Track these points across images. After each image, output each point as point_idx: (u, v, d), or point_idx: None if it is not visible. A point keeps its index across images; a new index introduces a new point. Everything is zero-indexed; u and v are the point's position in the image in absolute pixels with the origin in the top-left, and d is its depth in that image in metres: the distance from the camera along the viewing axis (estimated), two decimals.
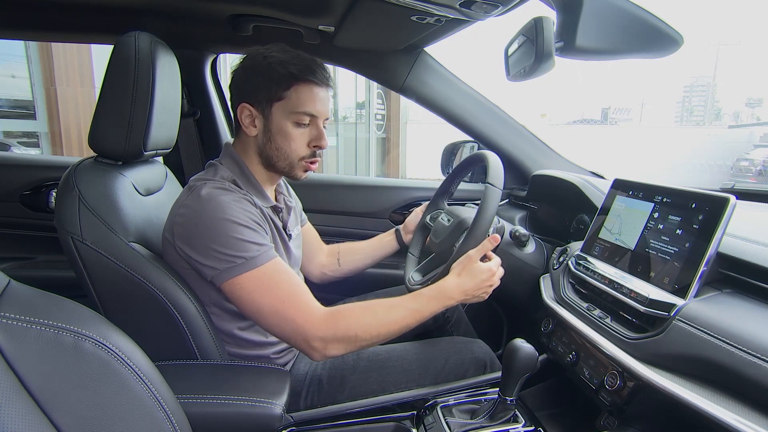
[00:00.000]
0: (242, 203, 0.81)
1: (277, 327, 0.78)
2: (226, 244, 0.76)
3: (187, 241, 0.79)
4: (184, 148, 1.46)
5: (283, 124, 0.85)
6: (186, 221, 0.79)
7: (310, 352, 0.78)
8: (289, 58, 0.83)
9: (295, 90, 0.83)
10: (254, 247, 0.77)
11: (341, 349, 0.79)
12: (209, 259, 0.77)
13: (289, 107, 0.84)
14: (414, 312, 0.83)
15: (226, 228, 0.76)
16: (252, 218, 0.80)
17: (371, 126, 7.53)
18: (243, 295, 0.77)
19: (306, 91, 0.84)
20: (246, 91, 0.85)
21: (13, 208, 1.39)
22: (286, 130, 0.85)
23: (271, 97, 0.84)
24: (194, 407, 0.69)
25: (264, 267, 0.77)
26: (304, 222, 1.16)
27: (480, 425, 0.80)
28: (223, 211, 0.77)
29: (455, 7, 0.83)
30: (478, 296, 0.89)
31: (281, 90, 0.83)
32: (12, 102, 4.40)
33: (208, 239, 0.76)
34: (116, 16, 1.21)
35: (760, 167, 10.36)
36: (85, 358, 0.39)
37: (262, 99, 0.84)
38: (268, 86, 0.83)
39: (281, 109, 0.84)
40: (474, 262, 0.88)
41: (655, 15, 0.68)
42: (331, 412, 0.88)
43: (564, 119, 48.26)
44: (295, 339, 0.78)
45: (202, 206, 0.78)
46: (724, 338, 0.54)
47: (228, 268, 0.76)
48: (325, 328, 0.77)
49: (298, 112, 0.84)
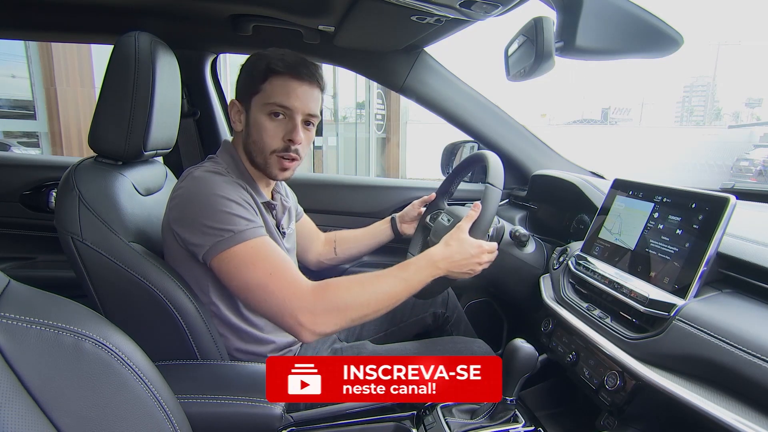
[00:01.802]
0: (233, 185, 0.83)
1: (264, 303, 0.77)
2: (215, 218, 0.77)
3: (180, 221, 0.80)
4: (184, 148, 1.46)
5: (258, 117, 0.86)
6: (179, 201, 0.81)
7: (299, 330, 0.75)
8: (274, 54, 0.85)
9: (270, 82, 0.85)
10: (243, 222, 0.78)
11: (330, 323, 0.76)
12: (200, 235, 0.78)
13: (263, 99, 0.85)
14: (401, 280, 0.82)
15: (215, 202, 0.78)
16: (242, 197, 0.82)
17: (371, 126, 7.54)
18: (231, 269, 0.77)
19: (280, 83, 0.84)
20: (237, 88, 0.89)
21: (13, 208, 1.39)
22: (260, 122, 0.86)
23: (251, 91, 0.86)
24: (194, 407, 0.69)
25: (252, 241, 0.78)
26: (300, 216, 1.16)
27: (480, 425, 0.80)
28: (214, 187, 0.79)
29: (455, 7, 0.83)
30: (465, 271, 0.88)
31: (258, 83, 0.85)
32: (12, 102, 4.41)
33: (199, 214, 0.78)
34: (116, 16, 1.21)
35: (760, 167, 10.37)
36: (85, 358, 0.39)
37: (244, 94, 0.87)
38: (250, 80, 0.86)
39: (258, 101, 0.86)
40: (463, 232, 0.88)
41: (655, 15, 0.68)
42: (331, 412, 0.88)
43: (564, 119, 48.32)
44: (282, 315, 0.76)
45: (195, 185, 0.81)
46: (724, 338, 0.54)
47: (217, 243, 0.77)
48: (313, 299, 0.76)
49: (270, 104, 0.85)
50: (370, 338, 1.11)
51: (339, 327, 0.78)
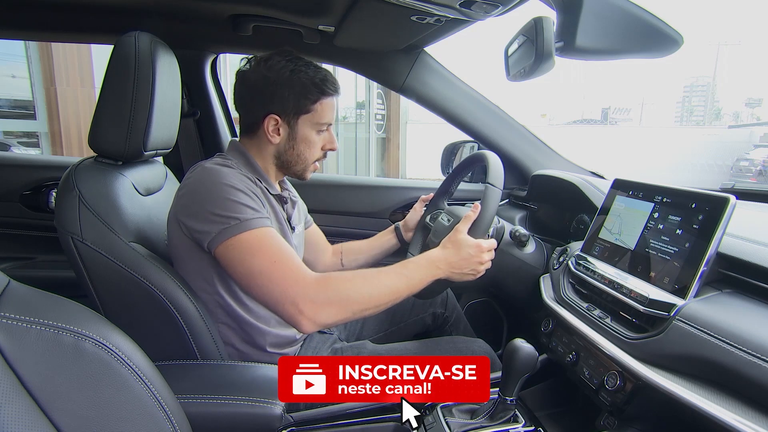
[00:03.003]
0: (242, 176, 0.84)
1: (267, 289, 0.77)
2: (221, 206, 0.78)
3: (187, 211, 0.81)
4: (184, 148, 1.46)
5: (308, 134, 0.91)
6: (187, 192, 0.82)
7: (299, 319, 0.75)
8: (314, 73, 0.88)
9: (320, 103, 0.90)
10: (249, 211, 0.79)
11: (332, 314, 0.76)
12: (205, 223, 0.78)
13: (315, 119, 0.90)
14: (402, 276, 0.83)
15: (222, 191, 0.79)
16: (249, 188, 0.83)
17: (371, 126, 7.53)
18: (235, 256, 0.78)
19: (329, 103, 0.91)
20: (274, 103, 0.88)
21: (13, 208, 1.39)
22: (311, 139, 0.92)
23: (300, 111, 0.89)
24: (194, 407, 0.69)
25: (258, 230, 0.79)
26: (309, 224, 1.16)
27: (480, 425, 0.79)
28: (221, 177, 0.81)
29: (455, 7, 0.83)
30: (466, 272, 0.89)
31: (309, 104, 0.89)
32: (12, 102, 4.41)
33: (206, 202, 0.79)
34: (116, 16, 1.21)
35: (760, 167, 10.37)
36: (85, 358, 0.39)
37: (290, 111, 0.89)
38: (298, 101, 0.88)
39: (308, 120, 0.90)
40: (460, 233, 0.89)
41: (655, 15, 0.68)
42: (331, 412, 0.88)
43: (564, 119, 48.34)
44: (284, 302, 0.75)
45: (203, 176, 0.82)
46: (724, 338, 0.54)
47: (222, 230, 0.77)
48: (316, 289, 0.76)
49: (323, 123, 0.91)
50: (370, 338, 1.11)
51: (339, 319, 0.78)
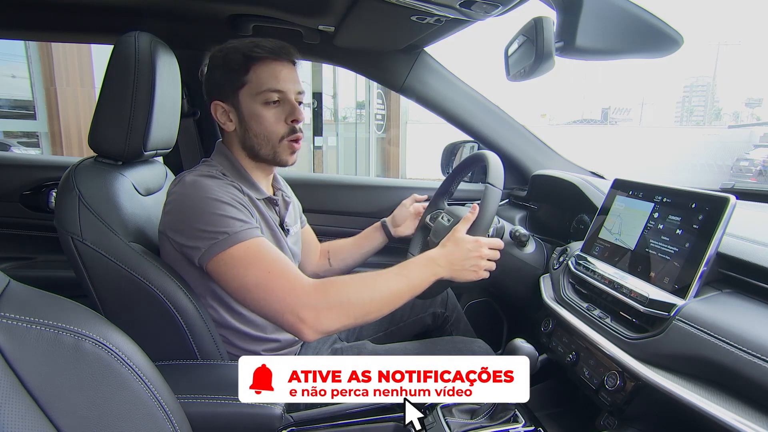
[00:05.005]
0: (227, 187, 0.81)
1: (264, 302, 0.74)
2: (208, 222, 0.76)
3: (174, 227, 0.79)
4: (184, 148, 1.46)
5: (253, 108, 0.85)
6: (172, 207, 0.80)
7: (301, 327, 0.73)
8: (242, 44, 0.84)
9: (254, 71, 0.83)
10: (237, 223, 0.77)
11: (334, 320, 0.74)
12: (194, 239, 0.77)
13: (253, 89, 0.84)
14: (402, 277, 0.81)
15: (208, 206, 0.77)
16: (236, 199, 0.80)
17: (371, 126, 7.53)
18: (227, 271, 0.76)
19: (264, 68, 0.84)
20: (213, 89, 0.87)
21: (13, 208, 1.39)
22: (257, 113, 0.85)
23: (235, 86, 0.84)
24: (194, 407, 0.69)
25: (248, 242, 0.76)
26: (303, 224, 1.15)
27: (480, 425, 0.79)
28: (206, 191, 0.78)
29: (455, 7, 0.83)
30: (467, 270, 0.87)
31: (241, 75, 0.83)
32: (12, 102, 4.40)
33: (193, 219, 0.77)
34: (116, 16, 1.21)
35: (760, 167, 10.37)
36: (85, 358, 0.39)
37: (228, 91, 0.85)
38: (229, 76, 0.84)
39: (247, 94, 0.84)
40: (459, 232, 0.88)
41: (655, 15, 0.68)
42: (331, 412, 0.88)
43: (564, 119, 48.37)
44: (283, 313, 0.73)
45: (187, 190, 0.79)
46: (724, 338, 0.54)
47: (211, 246, 0.75)
48: (316, 295, 0.74)
49: (263, 91, 0.84)
50: (369, 338, 1.11)
51: (342, 325, 0.76)
